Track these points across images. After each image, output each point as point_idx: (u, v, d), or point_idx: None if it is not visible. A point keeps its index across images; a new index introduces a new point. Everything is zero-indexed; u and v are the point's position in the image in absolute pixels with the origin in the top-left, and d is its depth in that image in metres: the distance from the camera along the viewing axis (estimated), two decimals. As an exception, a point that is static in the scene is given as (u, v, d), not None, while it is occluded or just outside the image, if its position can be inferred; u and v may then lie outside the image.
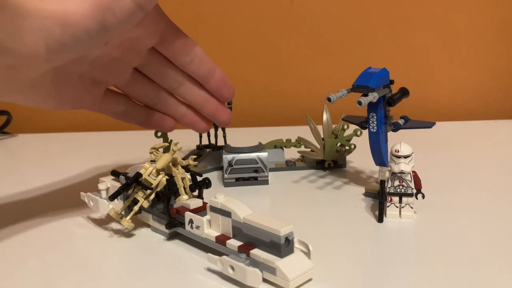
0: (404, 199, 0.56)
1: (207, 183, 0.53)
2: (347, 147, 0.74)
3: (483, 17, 1.11)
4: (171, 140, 0.74)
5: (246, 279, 0.41)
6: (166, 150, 0.68)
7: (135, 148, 0.93)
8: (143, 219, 0.56)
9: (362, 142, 0.69)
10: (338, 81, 1.13)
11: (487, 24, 1.12)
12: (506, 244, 0.50)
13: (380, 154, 0.60)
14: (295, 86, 1.15)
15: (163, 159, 0.51)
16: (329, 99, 0.54)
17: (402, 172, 0.56)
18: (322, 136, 0.74)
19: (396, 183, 0.57)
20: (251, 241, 0.44)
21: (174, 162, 0.53)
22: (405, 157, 0.56)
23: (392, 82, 0.59)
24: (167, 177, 0.52)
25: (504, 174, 0.72)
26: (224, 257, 0.43)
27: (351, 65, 1.13)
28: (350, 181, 0.70)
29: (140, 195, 0.53)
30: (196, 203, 0.51)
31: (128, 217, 0.53)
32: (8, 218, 0.60)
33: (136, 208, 0.52)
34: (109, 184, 0.57)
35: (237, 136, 0.86)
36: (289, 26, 1.12)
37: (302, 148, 0.77)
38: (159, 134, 0.73)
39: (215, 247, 0.47)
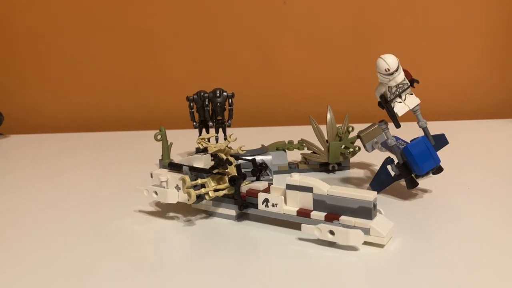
0: (403, 94, 0.59)
1: (264, 167, 0.59)
2: (351, 149, 0.73)
3: (482, 16, 1.11)
4: (171, 143, 0.72)
5: (349, 240, 0.47)
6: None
7: (131, 148, 0.91)
8: (197, 206, 0.57)
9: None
10: (335, 81, 1.13)
11: (487, 23, 1.11)
12: (504, 243, 0.49)
13: (430, 156, 0.59)
14: (294, 86, 1.13)
15: (219, 145, 0.55)
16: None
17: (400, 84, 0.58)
18: (326, 138, 0.72)
19: (394, 89, 0.58)
20: (334, 210, 0.49)
21: (226, 152, 0.56)
22: (396, 70, 0.57)
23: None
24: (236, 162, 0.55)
25: (502, 174, 0.72)
26: (321, 224, 0.48)
27: (348, 65, 1.12)
28: (354, 183, 0.69)
29: (211, 183, 0.54)
30: (263, 185, 0.56)
31: (196, 192, 0.53)
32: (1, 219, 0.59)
33: (203, 191, 0.53)
34: (168, 176, 0.57)
35: (237, 137, 0.85)
36: (284, 27, 1.10)
37: (305, 151, 0.76)
38: (158, 137, 0.71)
39: (296, 220, 0.51)
